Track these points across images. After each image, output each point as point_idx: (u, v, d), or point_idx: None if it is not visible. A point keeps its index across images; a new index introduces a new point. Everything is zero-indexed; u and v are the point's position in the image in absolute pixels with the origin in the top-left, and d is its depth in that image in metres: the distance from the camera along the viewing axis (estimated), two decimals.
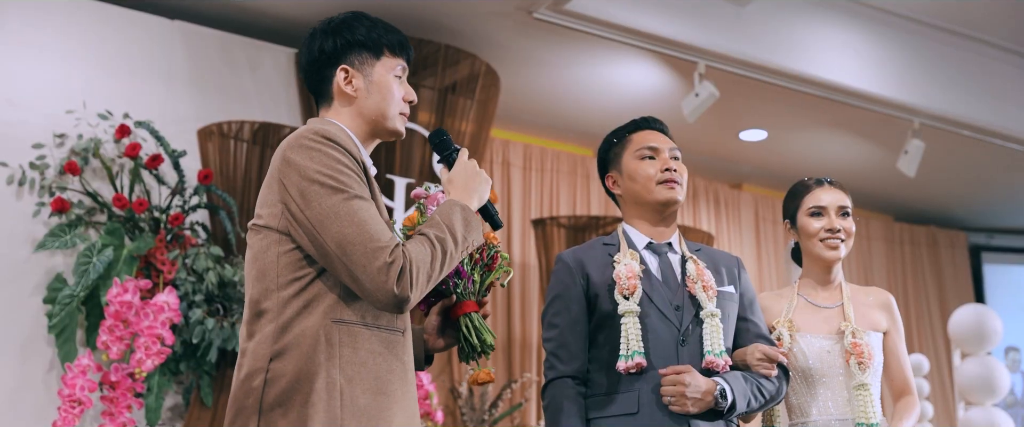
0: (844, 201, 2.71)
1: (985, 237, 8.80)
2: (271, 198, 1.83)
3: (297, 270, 1.79)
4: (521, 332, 6.15)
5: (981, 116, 6.22)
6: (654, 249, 2.40)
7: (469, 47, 5.18)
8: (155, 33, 4.64)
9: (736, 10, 5.35)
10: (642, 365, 2.22)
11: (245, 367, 1.78)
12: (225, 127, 4.51)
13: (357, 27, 1.97)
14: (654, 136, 2.45)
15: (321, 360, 1.75)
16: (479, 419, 5.12)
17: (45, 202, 4.13)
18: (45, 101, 4.28)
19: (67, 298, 3.96)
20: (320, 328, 1.76)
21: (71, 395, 3.75)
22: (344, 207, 1.75)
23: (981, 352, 5.84)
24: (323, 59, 1.96)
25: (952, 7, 5.78)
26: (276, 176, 1.83)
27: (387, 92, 1.96)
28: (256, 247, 1.85)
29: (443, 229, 1.84)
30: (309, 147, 1.80)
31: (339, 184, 1.77)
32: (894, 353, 2.66)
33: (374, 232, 1.74)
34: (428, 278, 1.79)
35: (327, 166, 1.78)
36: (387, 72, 1.97)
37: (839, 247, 2.66)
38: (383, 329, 1.82)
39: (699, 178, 7.26)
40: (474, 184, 1.97)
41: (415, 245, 1.78)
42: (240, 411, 1.77)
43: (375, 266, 1.71)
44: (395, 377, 1.82)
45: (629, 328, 2.25)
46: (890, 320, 2.67)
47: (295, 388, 1.73)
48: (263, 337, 1.78)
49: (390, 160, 4.84)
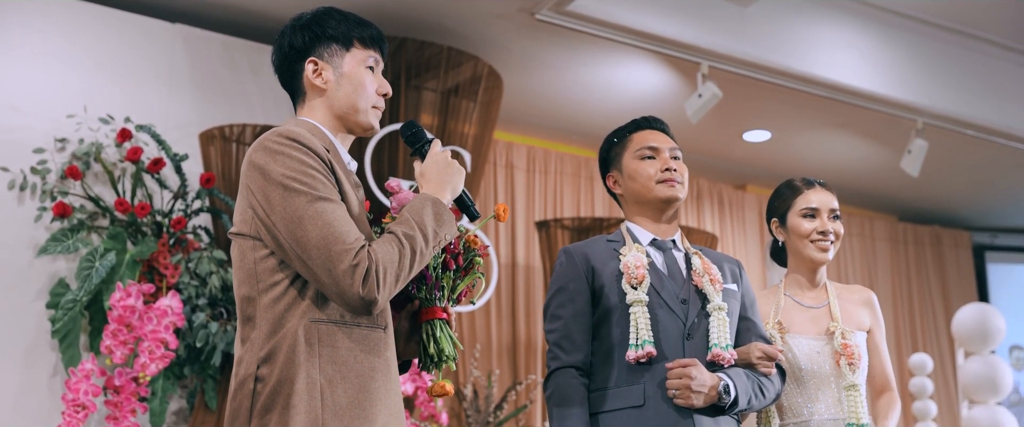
0: (834, 204, 2.72)
1: (989, 236, 8.79)
2: (242, 204, 1.82)
3: (274, 274, 1.79)
4: (526, 333, 6.14)
5: (985, 116, 6.20)
6: (658, 245, 2.41)
7: (471, 49, 5.17)
8: (156, 36, 4.64)
9: (739, 10, 5.34)
10: (652, 354, 2.22)
11: (239, 375, 1.79)
12: (227, 130, 4.50)
13: (327, 21, 1.95)
14: (654, 136, 2.46)
15: (301, 361, 1.74)
16: (484, 421, 5.11)
17: (47, 207, 4.12)
18: (46, 105, 4.28)
19: (70, 303, 3.96)
20: (300, 329, 1.75)
21: (75, 400, 3.74)
22: (308, 209, 1.73)
23: (985, 351, 5.83)
24: (293, 54, 1.94)
25: (956, 6, 5.77)
26: (244, 181, 1.82)
27: (357, 83, 1.93)
28: (236, 254, 1.84)
29: (412, 226, 1.80)
30: (273, 150, 1.78)
31: (303, 186, 1.74)
32: (876, 350, 2.70)
33: (339, 234, 1.71)
34: (396, 278, 1.76)
35: (290, 168, 1.76)
36: (358, 64, 1.94)
37: (829, 249, 2.68)
38: (363, 327, 1.80)
39: (703, 179, 7.25)
40: (447, 176, 1.92)
41: (382, 245, 1.76)
42: (235, 416, 1.77)
43: (340, 268, 1.70)
44: (377, 374, 1.81)
45: (639, 317, 2.25)
46: (872, 318, 2.71)
47: (278, 390, 1.73)
48: (252, 343, 1.78)
49: (393, 162, 4.83)
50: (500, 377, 5.84)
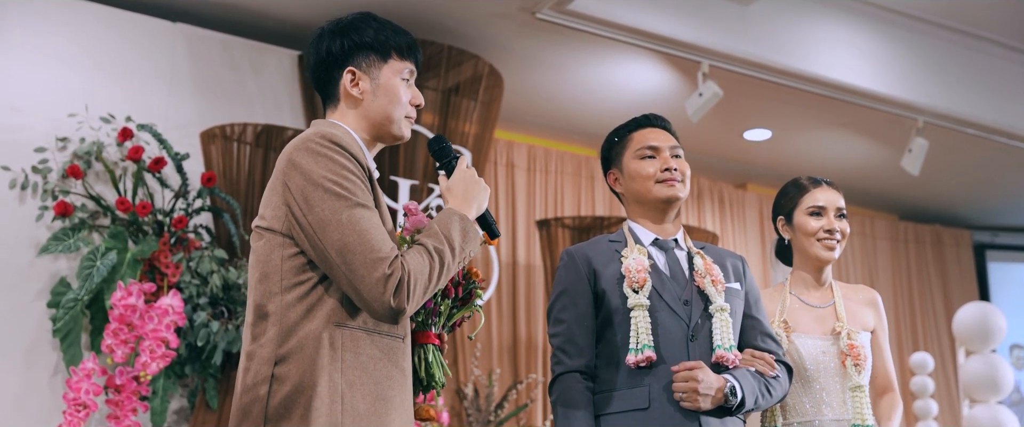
0: (840, 202, 2.72)
1: (989, 235, 8.79)
2: (275, 200, 1.82)
3: (300, 274, 1.79)
4: (526, 333, 6.14)
5: (985, 114, 6.20)
6: (660, 245, 2.40)
7: (472, 48, 5.17)
8: (157, 36, 4.64)
9: (740, 10, 5.34)
10: (652, 359, 2.22)
11: (251, 372, 1.77)
12: (228, 130, 4.50)
13: (365, 29, 1.96)
14: (654, 135, 2.44)
15: (324, 364, 1.74)
16: (485, 420, 5.11)
17: (48, 206, 4.12)
18: (47, 105, 4.28)
19: (71, 302, 3.96)
20: (323, 332, 1.75)
21: (76, 399, 3.74)
22: (347, 214, 1.74)
23: (985, 350, 5.83)
24: (330, 60, 1.95)
25: (956, 6, 5.77)
26: (281, 178, 1.82)
27: (393, 96, 1.95)
28: (260, 250, 1.83)
29: (442, 240, 1.82)
30: (315, 151, 1.79)
31: (344, 190, 1.76)
32: (879, 351, 2.69)
33: (375, 242, 1.73)
34: (425, 290, 1.78)
35: (332, 171, 1.77)
36: (394, 75, 1.96)
37: (835, 247, 2.67)
38: (384, 335, 1.81)
39: (703, 178, 7.25)
40: (473, 193, 1.95)
41: (414, 256, 1.77)
42: (246, 416, 1.76)
43: (374, 277, 1.71)
44: (395, 383, 1.82)
45: (639, 321, 2.24)
46: (876, 318, 2.70)
47: (298, 392, 1.72)
48: (267, 341, 1.77)
49: (394, 162, 4.83)
50: (501, 376, 5.84)
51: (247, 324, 1.83)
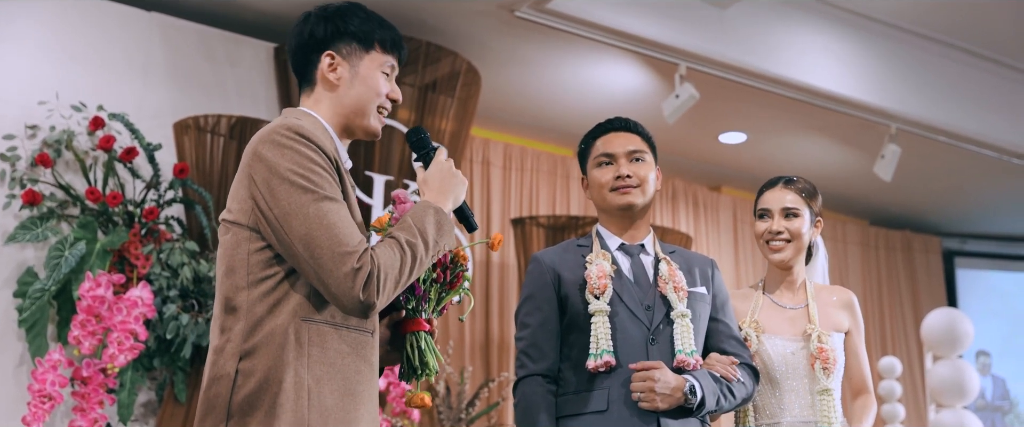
0: (787, 201, 2.62)
1: (958, 242, 8.90)
2: (242, 193, 1.80)
3: (267, 268, 1.76)
4: (499, 331, 6.14)
5: (957, 122, 6.27)
6: (627, 250, 2.43)
7: (450, 45, 5.15)
8: (131, 25, 4.58)
9: (718, 13, 5.36)
10: (611, 364, 2.26)
11: (216, 366, 1.75)
12: (202, 121, 4.46)
13: (351, 17, 1.94)
14: (613, 141, 2.45)
15: (290, 359, 1.72)
16: (456, 418, 5.10)
17: (16, 194, 4.06)
18: (17, 92, 4.21)
19: (38, 292, 3.90)
20: (289, 327, 1.74)
21: (41, 390, 3.69)
22: (314, 208, 1.71)
23: (952, 355, 5.89)
24: (312, 43, 1.92)
25: (931, 13, 5.83)
26: (246, 171, 1.79)
27: (370, 86, 1.93)
28: (226, 243, 1.81)
29: (414, 233, 1.80)
30: (280, 143, 1.76)
31: (309, 184, 1.73)
32: (854, 352, 2.68)
33: (343, 236, 1.70)
34: (396, 284, 1.76)
35: (299, 164, 1.74)
36: (375, 67, 1.94)
37: (783, 249, 2.61)
38: (352, 329, 1.79)
39: (678, 180, 7.27)
40: (450, 185, 1.93)
41: (384, 250, 1.75)
42: (210, 411, 1.74)
43: (342, 271, 1.68)
44: (363, 378, 1.80)
45: (599, 327, 2.28)
46: (852, 320, 2.68)
47: (264, 387, 1.71)
48: (233, 335, 1.75)
49: (369, 156, 4.81)
50: (473, 374, 5.83)
51: (215, 318, 1.81)
